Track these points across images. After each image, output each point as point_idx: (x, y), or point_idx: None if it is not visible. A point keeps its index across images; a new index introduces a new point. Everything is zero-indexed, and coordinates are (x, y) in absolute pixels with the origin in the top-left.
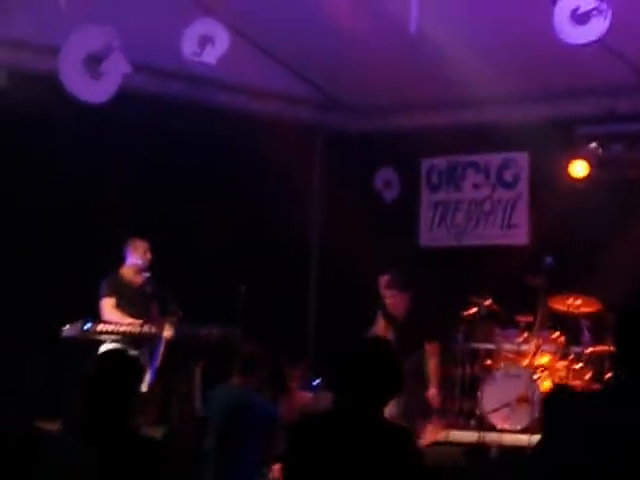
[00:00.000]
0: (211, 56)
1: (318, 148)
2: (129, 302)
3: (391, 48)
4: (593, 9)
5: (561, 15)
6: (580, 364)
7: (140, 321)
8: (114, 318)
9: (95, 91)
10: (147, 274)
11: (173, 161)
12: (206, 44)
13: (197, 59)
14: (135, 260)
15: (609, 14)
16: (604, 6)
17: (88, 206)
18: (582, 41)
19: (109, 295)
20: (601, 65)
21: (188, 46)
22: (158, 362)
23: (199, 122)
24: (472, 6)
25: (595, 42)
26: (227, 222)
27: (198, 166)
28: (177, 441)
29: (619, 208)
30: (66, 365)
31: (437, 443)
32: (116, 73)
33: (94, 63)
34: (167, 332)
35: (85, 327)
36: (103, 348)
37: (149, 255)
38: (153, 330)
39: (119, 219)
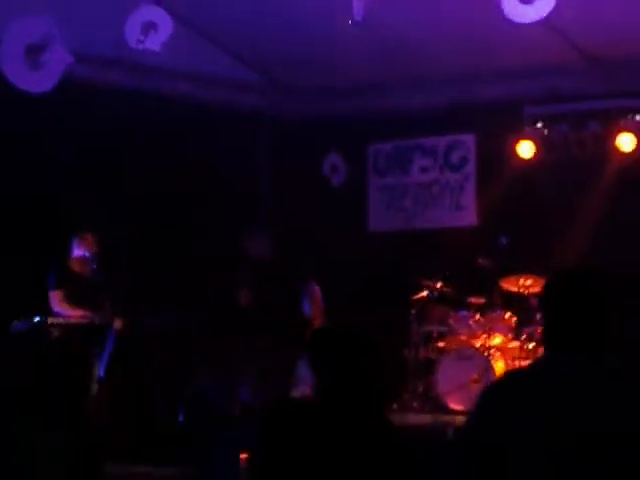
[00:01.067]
0: (155, 43)
1: (264, 134)
2: (78, 294)
3: (336, 31)
4: None
5: None
6: (533, 343)
7: (90, 313)
8: (64, 311)
9: (37, 81)
10: (94, 266)
11: (117, 151)
12: (149, 31)
13: (141, 47)
14: (82, 252)
15: None
16: None
17: (32, 198)
18: (529, 19)
19: (58, 288)
20: (546, 45)
21: (131, 33)
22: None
23: (143, 111)
24: None
25: (542, 20)
26: (173, 212)
27: (143, 156)
28: None
29: (566, 188)
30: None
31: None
32: (57, 63)
33: (35, 53)
34: (117, 323)
35: (35, 321)
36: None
37: (96, 247)
38: (103, 321)
39: (64, 211)
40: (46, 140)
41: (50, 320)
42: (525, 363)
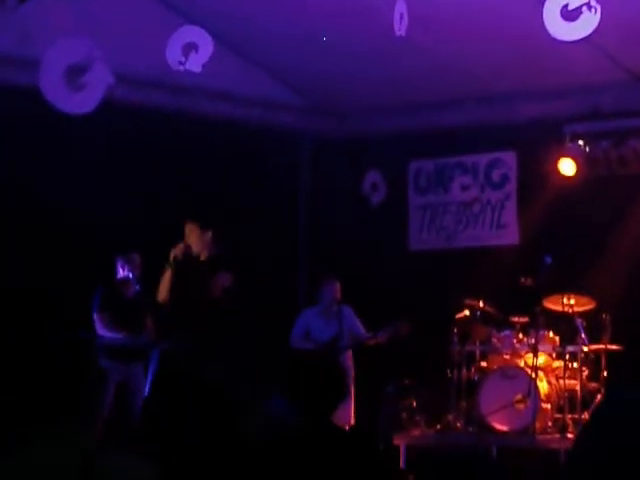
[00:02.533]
0: (196, 64)
1: (304, 154)
2: (122, 316)
3: (376, 50)
4: (583, 4)
5: (551, 11)
6: (576, 363)
7: (133, 335)
8: (107, 333)
9: (78, 103)
10: (138, 287)
11: (159, 172)
12: (190, 52)
13: (182, 68)
14: (127, 273)
15: (599, 9)
16: (594, 1)
17: (73, 220)
18: (572, 37)
19: (102, 309)
20: (587, 62)
21: (172, 54)
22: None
23: (183, 131)
24: (459, 6)
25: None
26: (215, 233)
27: (183, 176)
28: None
29: (608, 205)
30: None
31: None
32: (99, 84)
33: (76, 75)
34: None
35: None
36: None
37: (140, 267)
38: (147, 342)
39: (107, 232)
40: (83, 161)
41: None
42: (569, 383)
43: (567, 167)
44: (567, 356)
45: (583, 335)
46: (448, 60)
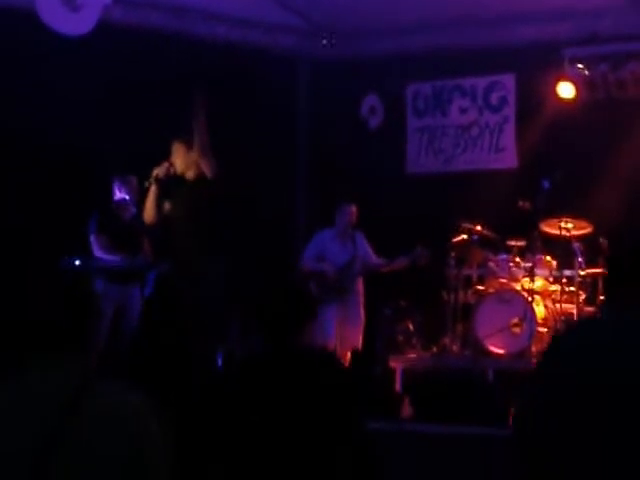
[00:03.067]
0: None
1: (303, 77)
2: (119, 239)
3: None
4: None
5: None
6: (573, 287)
7: (130, 256)
8: (104, 255)
9: (75, 24)
10: (134, 209)
11: (156, 94)
12: None
13: None
14: (123, 195)
15: None
16: None
17: (69, 143)
18: None
19: (99, 232)
20: None
21: None
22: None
23: (181, 53)
24: None
25: None
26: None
27: (180, 98)
28: None
29: (606, 129)
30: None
31: (433, 370)
32: (96, 4)
33: None
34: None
35: (75, 263)
36: (97, 286)
37: (137, 189)
38: (144, 264)
39: (102, 155)
40: (82, 83)
41: (90, 263)
42: (565, 307)
43: (566, 90)
44: (564, 280)
45: (580, 259)
46: None
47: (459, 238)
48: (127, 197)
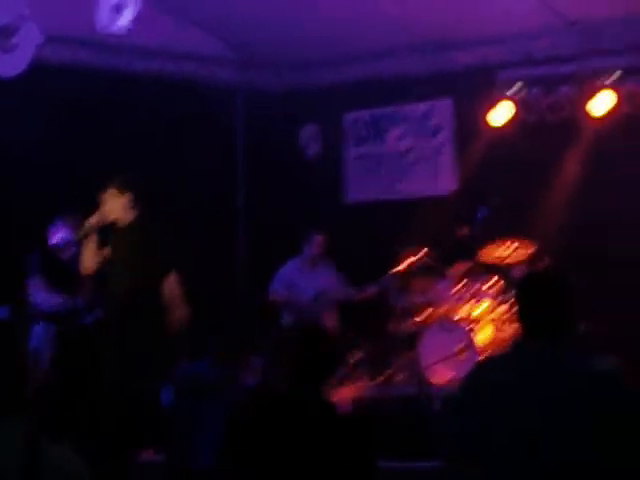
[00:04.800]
0: (124, 22)
1: (240, 109)
2: (59, 279)
3: (309, 2)
4: None
5: None
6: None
7: (70, 297)
8: (43, 299)
9: (8, 64)
10: (75, 249)
11: (90, 131)
12: (119, 11)
13: (113, 29)
14: (63, 235)
15: None
16: None
17: (8, 182)
18: None
19: (38, 274)
20: (519, 8)
21: (103, 16)
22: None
23: (115, 89)
24: None
25: None
26: (150, 190)
27: (116, 135)
28: None
29: (543, 151)
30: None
31: (380, 399)
32: (29, 44)
33: (5, 36)
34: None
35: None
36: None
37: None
38: (84, 304)
39: (38, 195)
40: (16, 122)
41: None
42: (512, 327)
43: (502, 114)
44: (511, 301)
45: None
46: (381, 9)
47: (401, 267)
48: (69, 237)
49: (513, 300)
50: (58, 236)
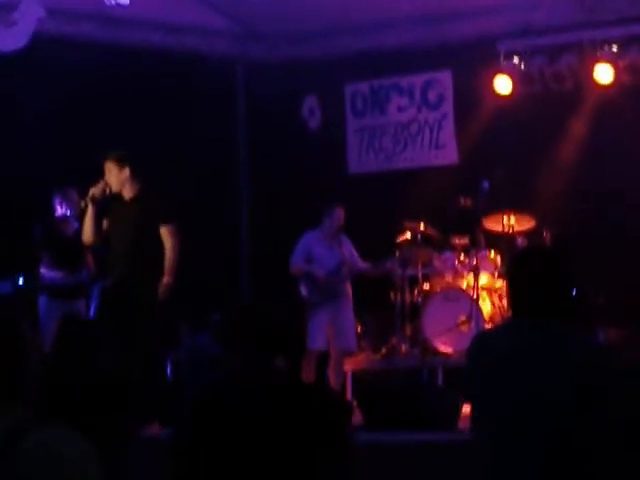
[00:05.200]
0: None
1: (240, 82)
2: (63, 254)
3: None
4: None
5: None
6: None
7: (73, 273)
8: (48, 271)
9: (10, 39)
10: (77, 224)
11: (94, 104)
12: None
13: (114, 2)
14: (65, 210)
15: None
16: None
17: (11, 156)
18: None
19: (42, 248)
20: None
21: None
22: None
23: (116, 62)
24: None
25: None
26: (151, 163)
27: (119, 107)
28: None
29: (544, 122)
30: None
31: (383, 372)
32: (30, 19)
33: (7, 11)
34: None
35: (19, 282)
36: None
37: (78, 204)
38: (87, 280)
39: (43, 169)
40: (18, 96)
41: (34, 281)
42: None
43: (503, 85)
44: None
45: None
46: None
47: (403, 237)
48: (68, 212)
49: None
50: (60, 210)
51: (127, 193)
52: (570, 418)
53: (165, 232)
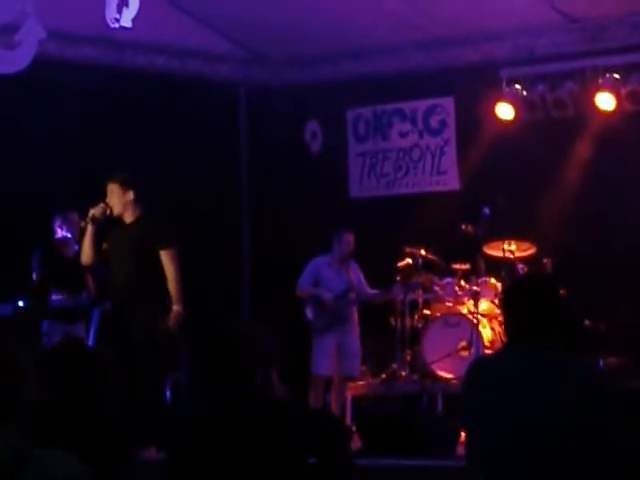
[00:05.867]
0: (127, 19)
1: (242, 105)
2: (62, 276)
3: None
4: None
5: None
6: None
7: (76, 295)
8: (49, 294)
9: (11, 61)
10: (77, 246)
11: (95, 128)
12: (122, 8)
13: (117, 25)
14: (65, 232)
15: None
16: None
17: (13, 178)
18: None
19: (42, 270)
20: (521, 6)
21: (109, 13)
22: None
23: (119, 86)
24: None
25: None
26: (153, 186)
27: (121, 131)
28: None
29: (546, 149)
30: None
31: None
32: (32, 40)
33: (9, 33)
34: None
35: (19, 304)
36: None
37: (78, 227)
38: (87, 302)
39: (45, 190)
40: (22, 118)
41: (34, 304)
42: None
43: (505, 111)
44: None
45: None
46: (384, 6)
47: (404, 262)
48: (69, 235)
49: None
50: (60, 233)
51: (128, 217)
52: (567, 441)
53: (165, 257)
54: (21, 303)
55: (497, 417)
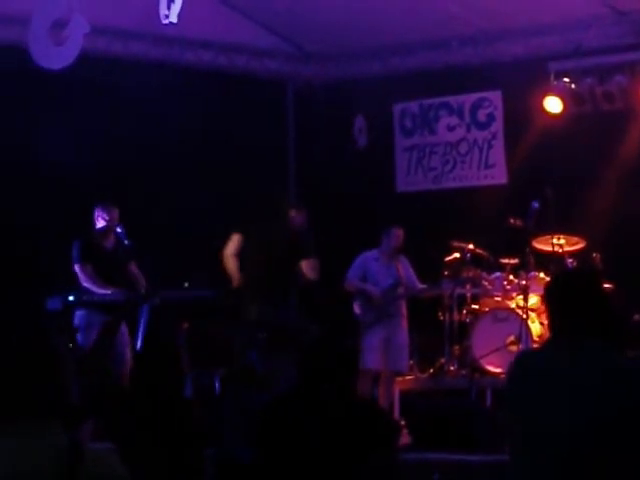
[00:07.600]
0: (174, 14)
1: (290, 101)
2: (105, 268)
3: None
4: None
5: None
6: None
7: (122, 288)
8: (94, 286)
9: (59, 57)
10: (118, 238)
11: (142, 123)
12: (170, 3)
13: (167, 21)
14: (105, 224)
15: None
16: None
17: (65, 173)
18: None
19: (84, 261)
20: None
21: (161, 9)
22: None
23: (167, 82)
24: None
25: None
26: (202, 182)
27: (169, 127)
28: None
29: (595, 142)
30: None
31: (431, 392)
32: (78, 36)
33: (58, 29)
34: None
35: (70, 298)
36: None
37: (118, 219)
38: (138, 297)
39: (93, 185)
40: (69, 113)
41: (84, 298)
42: None
43: (553, 105)
44: None
45: None
46: (432, 1)
47: (452, 257)
48: (109, 226)
49: None
50: (100, 224)
51: None
52: (611, 437)
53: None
54: (71, 297)
55: (538, 410)
